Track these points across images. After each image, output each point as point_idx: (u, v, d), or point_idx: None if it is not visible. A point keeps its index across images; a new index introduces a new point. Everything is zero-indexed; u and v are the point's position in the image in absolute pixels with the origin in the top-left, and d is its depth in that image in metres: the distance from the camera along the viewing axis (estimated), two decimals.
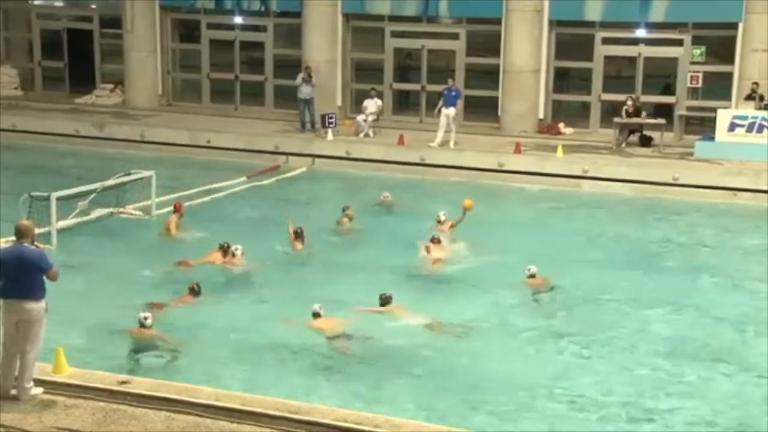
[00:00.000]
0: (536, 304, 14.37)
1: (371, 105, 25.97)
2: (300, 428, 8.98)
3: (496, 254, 16.43)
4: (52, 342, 10.14)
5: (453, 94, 24.43)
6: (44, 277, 9.58)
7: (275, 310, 13.69)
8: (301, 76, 26.10)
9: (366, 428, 8.96)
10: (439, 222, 17.59)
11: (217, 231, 17.61)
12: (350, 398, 10.64)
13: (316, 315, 12.87)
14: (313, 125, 26.00)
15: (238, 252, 15.56)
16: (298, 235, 16.62)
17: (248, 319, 13.38)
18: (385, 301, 13.43)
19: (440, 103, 24.50)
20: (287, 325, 12.95)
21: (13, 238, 9.90)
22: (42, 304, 9.52)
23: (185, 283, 14.43)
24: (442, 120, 24.28)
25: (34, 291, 9.48)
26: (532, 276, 14.87)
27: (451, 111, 24.22)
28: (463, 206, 17.54)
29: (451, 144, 24.25)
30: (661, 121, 24.54)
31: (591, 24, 26.48)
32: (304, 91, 25.99)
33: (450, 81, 24.95)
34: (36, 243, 9.75)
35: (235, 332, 12.85)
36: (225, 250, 15.64)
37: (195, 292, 13.94)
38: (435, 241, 16.32)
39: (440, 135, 24.27)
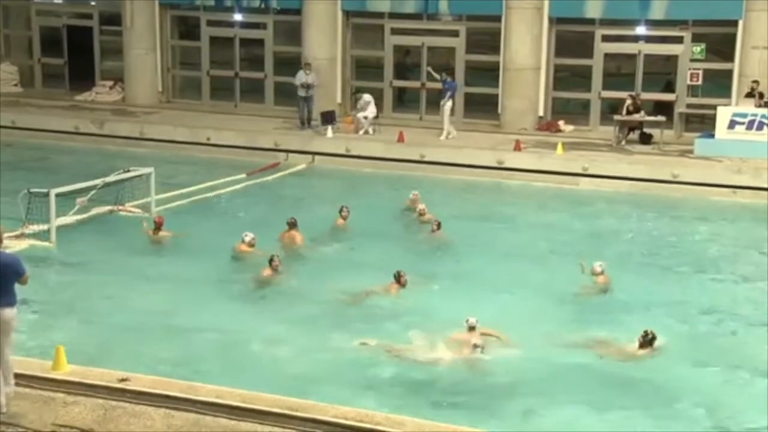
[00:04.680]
0: (543, 306, 14.33)
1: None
2: (300, 425, 8.96)
3: (496, 253, 16.42)
4: (51, 339, 10.14)
5: (446, 87, 25.01)
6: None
7: None
8: (300, 74, 26.07)
9: (366, 425, 8.94)
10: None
11: (217, 229, 17.62)
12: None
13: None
14: (310, 122, 25.95)
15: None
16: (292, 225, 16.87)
17: None
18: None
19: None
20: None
21: (13, 233, 9.85)
22: (15, 310, 9.13)
23: (185, 281, 14.42)
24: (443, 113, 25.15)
25: (9, 297, 9.03)
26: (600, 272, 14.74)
27: (447, 104, 24.93)
28: None
29: (442, 137, 24.69)
30: (661, 118, 24.53)
31: (591, 21, 26.44)
32: (304, 89, 25.96)
33: (443, 74, 25.36)
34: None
35: None
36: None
37: (399, 281, 14.13)
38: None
39: (451, 128, 25.00)
